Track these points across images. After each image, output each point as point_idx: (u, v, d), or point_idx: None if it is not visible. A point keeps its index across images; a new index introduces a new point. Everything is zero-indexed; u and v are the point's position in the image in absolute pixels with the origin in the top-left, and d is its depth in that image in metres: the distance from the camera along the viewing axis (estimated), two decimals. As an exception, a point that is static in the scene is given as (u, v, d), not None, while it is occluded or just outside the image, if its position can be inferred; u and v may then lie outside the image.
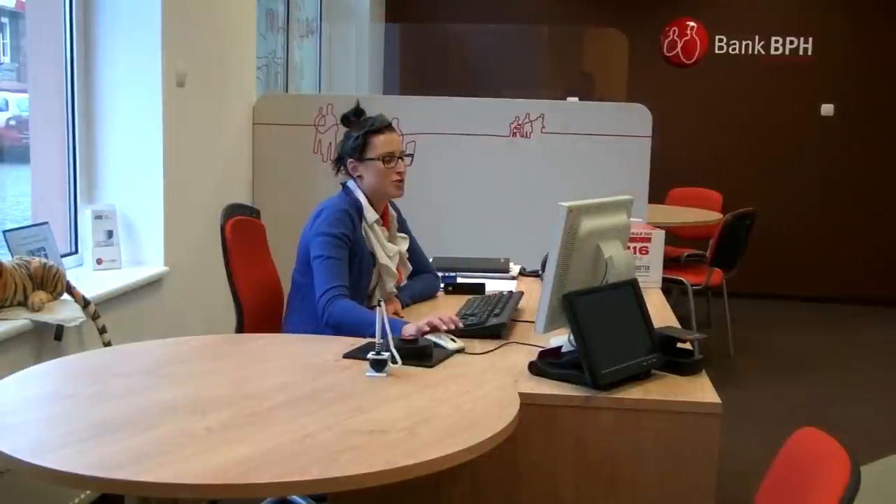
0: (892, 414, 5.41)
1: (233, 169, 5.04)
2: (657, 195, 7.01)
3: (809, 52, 8.12)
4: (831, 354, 6.63)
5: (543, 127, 5.11)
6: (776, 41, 8.14)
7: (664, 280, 5.89)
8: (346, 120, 3.33)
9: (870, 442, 4.91)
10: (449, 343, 2.70)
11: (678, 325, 3.01)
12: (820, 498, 1.50)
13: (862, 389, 5.87)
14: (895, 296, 8.21)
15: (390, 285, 3.28)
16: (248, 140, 5.22)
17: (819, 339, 7.07)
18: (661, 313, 3.20)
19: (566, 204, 2.46)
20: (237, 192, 5.00)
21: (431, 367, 2.51)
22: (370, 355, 2.43)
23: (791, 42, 8.13)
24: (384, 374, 2.41)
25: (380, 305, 2.46)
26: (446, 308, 3.20)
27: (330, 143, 5.15)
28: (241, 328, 3.36)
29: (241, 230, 3.51)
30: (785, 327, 7.39)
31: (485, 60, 8.05)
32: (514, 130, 5.13)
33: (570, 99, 5.81)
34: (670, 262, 6.56)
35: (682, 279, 5.94)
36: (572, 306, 2.33)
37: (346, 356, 2.57)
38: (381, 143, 3.24)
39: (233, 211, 3.53)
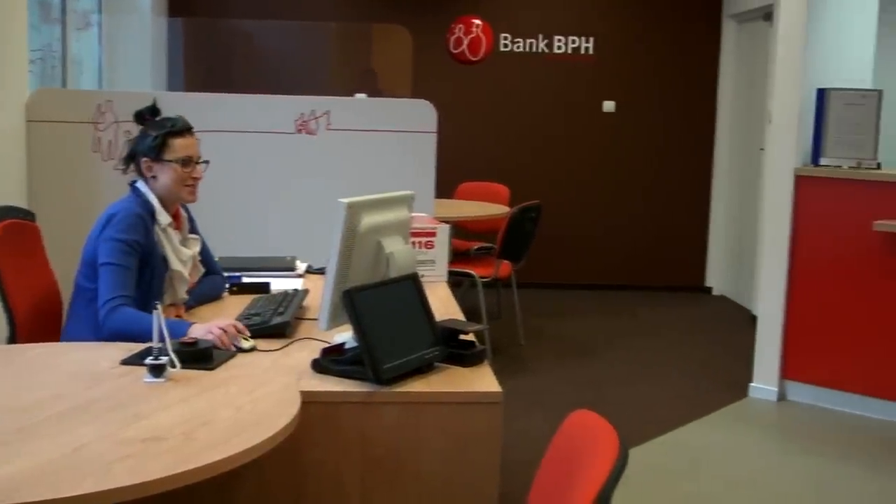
0: (671, 391, 5.70)
1: (5, 169, 4.79)
2: (446, 190, 7.12)
3: (591, 52, 8.42)
4: (615, 338, 6.92)
5: (329, 123, 5.10)
6: (559, 40, 8.40)
7: (455, 273, 6.04)
8: (140, 117, 3.22)
9: (652, 418, 5.16)
10: (243, 342, 2.67)
11: (462, 318, 3.06)
12: (589, 477, 1.55)
13: (644, 369, 6.15)
14: (669, 281, 8.65)
15: (182, 291, 3.19)
16: (21, 138, 4.96)
17: (603, 324, 7.37)
18: (445, 306, 3.25)
19: (345, 200, 2.46)
20: (11, 194, 4.74)
21: (212, 369, 2.47)
22: (148, 360, 2.36)
23: (573, 42, 8.41)
24: (163, 380, 2.34)
25: (156, 309, 2.39)
26: (230, 308, 3.15)
27: (110, 142, 4.98)
28: (13, 338, 3.20)
29: (13, 234, 3.34)
30: (572, 314, 7.66)
31: (271, 57, 7.96)
32: (300, 127, 5.09)
33: (357, 95, 5.82)
34: (460, 256, 6.69)
35: (471, 272, 6.06)
36: (352, 302, 2.33)
37: (124, 362, 2.49)
38: (180, 147, 3.16)
39: (3, 214, 3.36)
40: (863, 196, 5.28)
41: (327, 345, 2.60)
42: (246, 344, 2.67)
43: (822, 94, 5.46)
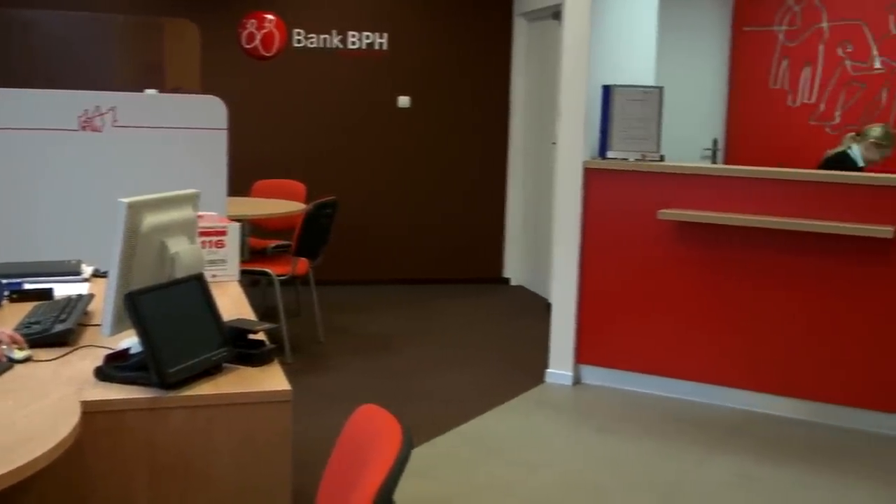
0: (472, 381, 5.79)
1: None
2: (242, 188, 7.02)
3: (385, 48, 8.45)
4: (416, 332, 6.98)
5: (115, 120, 4.92)
6: (353, 36, 8.39)
7: (252, 272, 5.96)
8: None
9: (453, 409, 5.23)
10: (16, 353, 2.53)
11: (254, 317, 3.01)
12: (371, 473, 1.55)
13: (444, 361, 6.23)
14: (468, 274, 8.81)
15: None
16: None
17: (404, 318, 7.41)
18: (236, 305, 3.19)
19: (126, 200, 2.37)
20: None
21: (-15, 382, 2.33)
22: (-89, 375, 2.21)
23: (367, 37, 8.41)
24: (-71, 395, 2.20)
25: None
26: (10, 317, 2.99)
27: None
28: None
29: None
30: (374, 310, 7.67)
31: (54, 49, 7.61)
32: (84, 124, 4.89)
33: (148, 91, 5.63)
34: (257, 254, 6.60)
35: (268, 270, 5.97)
36: (134, 305, 2.25)
37: None
38: None
39: None
40: (648, 187, 5.52)
41: (111, 351, 2.50)
42: (19, 354, 2.53)
43: (607, 90, 5.66)
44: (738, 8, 7.78)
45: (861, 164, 6.10)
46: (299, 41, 8.28)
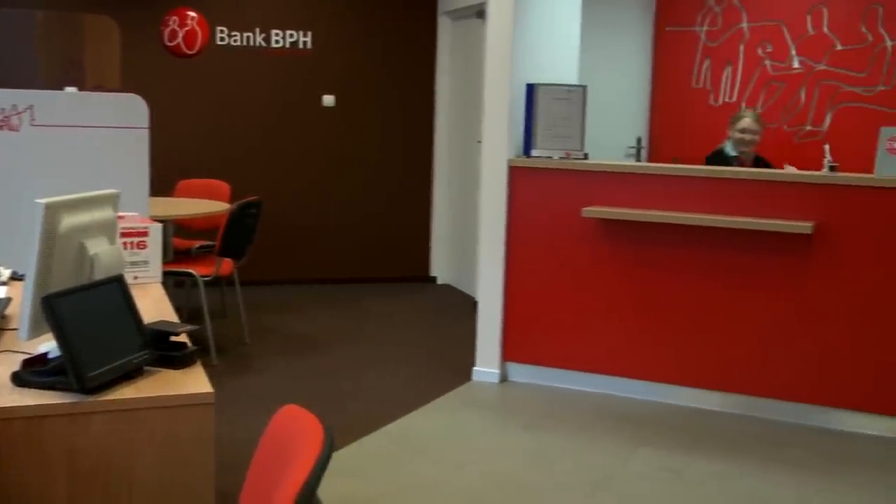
0: (399, 380, 5.79)
1: None
2: (165, 187, 6.92)
3: (309, 46, 8.40)
4: (344, 331, 6.95)
5: (33, 119, 4.83)
6: (277, 34, 8.32)
7: (176, 273, 5.88)
8: None
9: (381, 408, 5.22)
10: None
11: (176, 319, 2.97)
12: (295, 470, 1.55)
13: (372, 360, 6.21)
14: (395, 272, 8.81)
15: None
16: None
17: (331, 318, 7.38)
18: (159, 307, 3.15)
19: (43, 201, 2.33)
20: None
21: None
22: None
23: (291, 36, 8.36)
24: None
25: None
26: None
27: None
28: None
29: None
30: (301, 310, 7.63)
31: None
32: (1, 123, 4.79)
33: (67, 89, 5.53)
34: (182, 255, 6.52)
35: (191, 271, 5.90)
36: (52, 308, 2.21)
37: None
38: None
39: None
40: (572, 185, 5.56)
41: (29, 356, 2.45)
42: None
43: (531, 89, 5.70)
44: (660, 8, 7.88)
45: (733, 153, 6.18)
46: (222, 39, 8.20)
